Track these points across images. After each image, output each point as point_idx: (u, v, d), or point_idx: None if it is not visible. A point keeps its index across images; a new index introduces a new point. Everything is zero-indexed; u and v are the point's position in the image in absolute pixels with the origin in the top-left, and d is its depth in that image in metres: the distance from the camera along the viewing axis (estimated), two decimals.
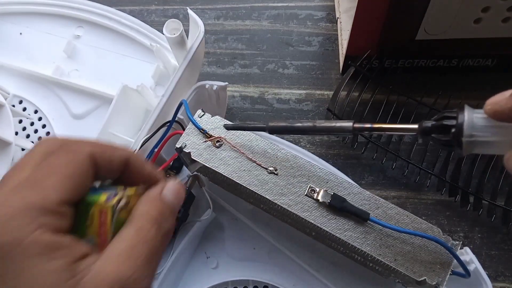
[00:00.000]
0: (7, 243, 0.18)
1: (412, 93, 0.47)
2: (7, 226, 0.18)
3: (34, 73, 0.49)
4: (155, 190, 0.24)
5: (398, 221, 0.30)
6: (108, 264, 0.20)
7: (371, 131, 0.26)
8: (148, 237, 0.21)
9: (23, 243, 0.18)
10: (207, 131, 0.32)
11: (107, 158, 0.23)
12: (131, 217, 0.22)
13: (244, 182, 0.31)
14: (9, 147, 0.40)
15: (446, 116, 0.23)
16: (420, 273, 0.29)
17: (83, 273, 0.19)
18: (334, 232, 0.29)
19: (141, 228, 0.21)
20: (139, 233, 0.21)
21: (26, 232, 0.18)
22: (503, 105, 0.20)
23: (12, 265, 0.18)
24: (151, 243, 0.21)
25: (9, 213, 0.19)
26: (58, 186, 0.20)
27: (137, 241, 0.21)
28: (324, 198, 0.30)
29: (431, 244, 0.29)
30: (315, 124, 0.27)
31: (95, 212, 0.22)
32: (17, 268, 0.18)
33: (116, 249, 0.20)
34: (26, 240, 0.18)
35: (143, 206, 0.23)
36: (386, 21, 0.43)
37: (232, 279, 0.38)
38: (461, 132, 0.22)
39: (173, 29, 0.39)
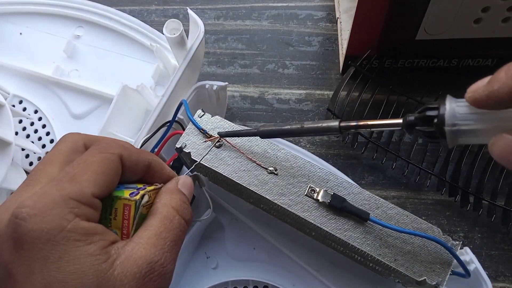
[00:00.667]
0: (51, 229, 0.20)
1: (412, 93, 0.47)
2: (50, 214, 0.20)
3: (34, 73, 0.49)
4: (172, 184, 0.27)
5: (398, 221, 0.30)
6: (138, 249, 0.22)
7: (357, 128, 0.25)
8: (172, 225, 0.24)
9: (65, 229, 0.20)
10: (207, 131, 0.32)
11: (134, 161, 0.25)
12: (155, 208, 0.24)
13: (244, 182, 0.31)
14: (9, 147, 0.40)
15: (428, 108, 0.23)
16: (420, 273, 0.29)
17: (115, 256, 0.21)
18: (334, 232, 0.29)
19: (165, 217, 0.24)
20: (164, 222, 0.24)
21: (66, 220, 0.21)
22: (481, 93, 0.20)
23: (55, 249, 0.20)
24: (175, 231, 0.24)
25: (50, 202, 0.21)
26: (92, 181, 0.22)
27: (163, 229, 0.23)
28: (324, 198, 0.30)
29: (431, 244, 0.29)
30: (303, 125, 0.27)
31: (120, 207, 0.24)
32: (60, 251, 0.20)
33: (144, 236, 0.23)
34: (67, 226, 0.21)
35: (165, 198, 0.25)
36: (386, 21, 0.43)
37: (232, 279, 0.38)
38: (443, 121, 0.22)
39: (173, 29, 0.39)
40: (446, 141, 0.22)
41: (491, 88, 0.20)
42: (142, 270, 0.21)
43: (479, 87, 0.20)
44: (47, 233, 0.20)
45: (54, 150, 0.25)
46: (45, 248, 0.20)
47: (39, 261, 0.20)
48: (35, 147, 0.44)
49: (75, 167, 0.23)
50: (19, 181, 0.41)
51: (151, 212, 0.24)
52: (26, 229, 0.20)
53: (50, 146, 0.47)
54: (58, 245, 0.20)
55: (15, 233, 0.20)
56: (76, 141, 0.25)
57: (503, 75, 0.19)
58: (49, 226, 0.20)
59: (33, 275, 0.20)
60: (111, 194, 0.24)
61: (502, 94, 0.19)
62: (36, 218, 0.20)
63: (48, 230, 0.20)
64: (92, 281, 0.20)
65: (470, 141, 0.22)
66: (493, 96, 0.20)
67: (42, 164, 0.24)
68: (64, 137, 0.26)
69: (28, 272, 0.20)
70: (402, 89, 0.47)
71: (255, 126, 0.50)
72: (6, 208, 0.22)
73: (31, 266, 0.20)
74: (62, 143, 0.25)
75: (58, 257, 0.20)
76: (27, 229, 0.20)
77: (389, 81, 0.47)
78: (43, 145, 0.47)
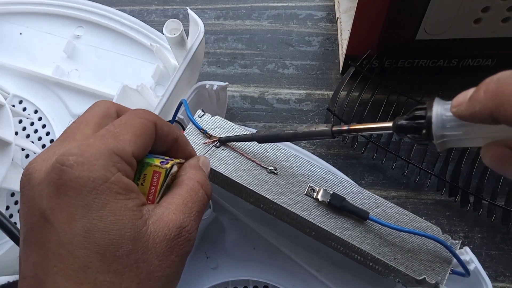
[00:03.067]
0: (96, 178, 0.21)
1: (412, 93, 0.47)
2: (96, 164, 0.21)
3: (34, 73, 0.49)
4: (194, 160, 0.28)
5: (397, 220, 0.30)
6: (168, 213, 0.23)
7: (349, 132, 0.26)
8: (197, 197, 0.25)
9: (109, 181, 0.21)
10: (207, 131, 0.32)
11: (165, 132, 0.26)
12: (181, 179, 0.25)
13: (244, 182, 0.31)
14: (9, 147, 0.40)
15: (416, 116, 0.22)
16: (419, 272, 0.29)
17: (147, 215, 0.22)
18: (333, 231, 0.30)
19: (192, 188, 0.25)
20: (191, 193, 0.25)
21: (110, 172, 0.21)
22: (464, 110, 0.20)
23: (98, 198, 0.21)
24: (199, 202, 0.25)
25: (96, 153, 0.21)
26: (132, 141, 0.23)
27: (189, 199, 0.24)
28: (324, 197, 0.30)
29: (430, 243, 0.29)
30: (296, 130, 0.27)
31: (149, 173, 0.24)
32: (103, 201, 0.21)
33: (172, 202, 0.24)
34: (111, 178, 0.21)
35: (190, 172, 0.26)
36: (386, 21, 0.43)
37: (232, 279, 0.38)
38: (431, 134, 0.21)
39: (173, 29, 0.39)
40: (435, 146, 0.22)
41: (473, 108, 0.19)
42: (172, 233, 0.22)
43: (462, 103, 0.20)
44: (92, 182, 0.21)
45: (88, 112, 0.25)
46: (89, 196, 0.21)
47: (82, 208, 0.20)
48: (35, 147, 0.44)
49: (116, 126, 0.23)
50: (19, 181, 0.41)
51: (177, 183, 0.25)
52: (73, 176, 0.21)
53: None
54: (102, 195, 0.21)
55: (59, 179, 0.21)
56: (109, 107, 0.26)
57: (482, 95, 0.19)
58: (95, 175, 0.21)
59: (74, 222, 0.20)
60: (142, 160, 0.24)
61: (484, 116, 0.19)
62: (83, 166, 0.21)
63: (94, 179, 0.21)
64: (129, 234, 0.21)
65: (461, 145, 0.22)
66: (475, 116, 0.19)
67: (77, 123, 0.24)
68: (97, 102, 0.26)
69: (69, 218, 0.20)
70: (402, 89, 0.47)
71: (255, 126, 0.50)
72: (43, 159, 0.22)
73: (72, 213, 0.20)
74: (96, 107, 0.26)
75: (101, 206, 0.21)
76: (73, 175, 0.21)
77: (389, 81, 0.47)
78: (43, 145, 0.47)
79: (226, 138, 0.32)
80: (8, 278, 0.33)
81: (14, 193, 0.45)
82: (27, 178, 0.22)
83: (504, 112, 0.18)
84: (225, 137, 0.32)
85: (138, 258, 0.21)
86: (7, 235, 0.30)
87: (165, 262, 0.22)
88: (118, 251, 0.21)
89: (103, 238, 0.20)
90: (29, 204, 0.21)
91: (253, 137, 0.30)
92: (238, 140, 0.32)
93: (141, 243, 0.21)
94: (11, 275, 0.34)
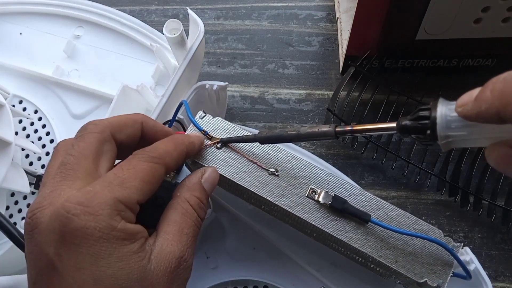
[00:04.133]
0: (103, 228, 0.21)
1: (412, 93, 0.47)
2: (102, 214, 0.22)
3: (34, 73, 0.49)
4: (196, 177, 0.28)
5: (399, 222, 0.30)
6: (166, 245, 0.24)
7: (352, 133, 0.26)
8: (192, 222, 0.25)
9: (115, 229, 0.22)
10: (208, 132, 0.32)
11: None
12: (176, 202, 0.26)
13: (245, 184, 0.31)
14: (9, 147, 0.40)
15: (420, 116, 0.22)
16: (421, 275, 0.28)
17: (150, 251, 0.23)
18: (335, 233, 0.29)
19: (186, 213, 0.25)
20: (185, 218, 0.25)
21: (115, 221, 0.22)
22: (469, 110, 0.20)
23: (105, 246, 0.21)
24: (194, 227, 0.26)
25: (102, 203, 0.22)
26: (139, 189, 0.23)
27: (184, 225, 0.25)
28: (325, 200, 0.30)
29: (432, 246, 0.29)
30: (299, 131, 0.27)
31: None
32: (110, 249, 0.21)
33: (169, 231, 0.24)
34: (117, 227, 0.22)
35: (185, 194, 0.26)
36: (386, 21, 0.43)
37: (232, 279, 0.38)
38: (436, 135, 0.21)
39: (173, 29, 0.39)
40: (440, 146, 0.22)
41: (479, 108, 0.19)
42: (172, 265, 0.23)
43: (467, 103, 0.20)
44: (99, 231, 0.21)
45: (83, 142, 0.25)
46: (96, 245, 0.21)
47: (89, 256, 0.21)
48: (35, 147, 0.44)
49: (125, 171, 0.24)
50: (19, 181, 0.41)
51: (172, 205, 0.26)
52: (79, 225, 0.21)
53: (50, 146, 0.47)
54: (109, 243, 0.21)
55: (65, 227, 0.21)
56: (102, 131, 0.25)
57: (489, 94, 0.19)
58: (101, 225, 0.21)
59: (82, 270, 0.21)
60: None
61: (491, 115, 0.19)
62: (90, 216, 0.21)
63: (101, 228, 0.21)
64: (136, 276, 0.22)
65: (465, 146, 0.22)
66: (481, 116, 0.19)
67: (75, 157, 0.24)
68: (88, 128, 0.26)
69: (77, 267, 0.21)
70: (402, 89, 0.47)
71: (255, 126, 0.50)
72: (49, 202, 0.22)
73: (80, 261, 0.21)
74: (89, 134, 0.25)
75: (108, 254, 0.21)
76: (80, 225, 0.21)
77: (389, 81, 0.47)
78: (43, 145, 0.47)
79: (228, 139, 0.32)
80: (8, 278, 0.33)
81: (14, 193, 0.45)
82: (34, 223, 0.22)
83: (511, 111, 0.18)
84: (226, 138, 0.32)
85: None
86: (7, 236, 0.30)
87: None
88: None
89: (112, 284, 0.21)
90: (36, 249, 0.22)
91: (255, 138, 0.30)
92: (240, 141, 0.31)
93: (147, 281, 0.22)
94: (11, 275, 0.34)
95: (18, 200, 0.45)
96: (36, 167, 0.46)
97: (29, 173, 0.43)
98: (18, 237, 0.30)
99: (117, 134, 0.26)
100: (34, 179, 0.43)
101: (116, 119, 0.27)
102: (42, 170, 0.46)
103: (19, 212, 0.44)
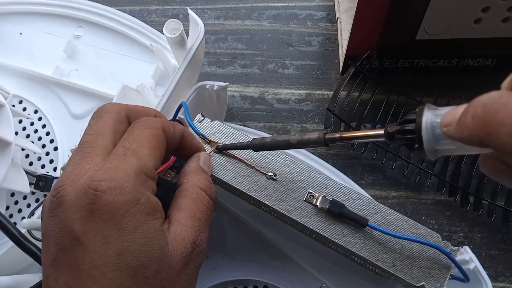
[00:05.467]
0: (129, 201, 0.22)
1: (412, 93, 0.47)
2: (126, 187, 0.22)
3: (34, 73, 0.49)
4: (195, 162, 0.28)
5: (397, 226, 0.30)
6: (180, 231, 0.24)
7: (341, 140, 0.26)
8: (203, 206, 0.26)
9: (140, 202, 0.22)
10: (206, 136, 0.32)
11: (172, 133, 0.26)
12: (184, 188, 0.26)
13: (243, 188, 0.31)
14: (9, 147, 0.40)
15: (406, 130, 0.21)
16: (418, 279, 0.28)
17: (166, 233, 0.23)
18: (332, 237, 0.29)
19: (197, 198, 0.26)
20: (197, 203, 0.25)
21: (140, 193, 0.22)
22: (453, 133, 0.19)
23: (131, 220, 0.22)
24: (206, 211, 0.26)
25: (126, 176, 0.22)
26: (151, 155, 0.24)
27: (196, 210, 0.25)
28: (323, 204, 0.30)
29: (429, 250, 0.29)
30: (290, 140, 0.28)
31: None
32: (135, 223, 0.22)
33: (182, 218, 0.24)
34: (142, 199, 0.22)
35: (192, 179, 0.27)
36: (386, 21, 0.43)
37: (232, 279, 0.38)
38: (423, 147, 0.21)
39: (173, 29, 0.39)
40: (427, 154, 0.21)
41: (461, 134, 0.19)
42: (187, 250, 0.24)
43: (451, 123, 0.19)
44: (125, 205, 0.22)
45: (101, 121, 0.25)
46: (123, 219, 0.21)
47: (116, 231, 0.21)
48: (35, 147, 0.44)
49: (131, 142, 0.24)
50: (19, 181, 0.41)
51: (181, 192, 0.26)
52: (107, 200, 0.21)
53: (50, 146, 0.47)
54: (134, 217, 0.22)
55: (93, 204, 0.21)
56: (119, 112, 0.26)
57: (470, 121, 0.18)
58: (128, 198, 0.22)
59: (108, 244, 0.21)
60: None
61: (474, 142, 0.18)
62: (116, 191, 0.22)
63: (127, 202, 0.22)
64: (157, 256, 0.22)
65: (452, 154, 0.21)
66: (465, 141, 0.19)
67: (93, 136, 0.25)
68: (105, 108, 0.26)
69: (103, 241, 0.21)
70: (402, 89, 0.47)
71: (255, 126, 0.50)
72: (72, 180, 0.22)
73: (107, 236, 0.21)
74: (106, 114, 0.26)
75: (133, 229, 0.22)
76: (108, 200, 0.21)
77: (389, 81, 0.47)
78: (43, 145, 0.47)
79: (223, 146, 0.32)
80: (8, 278, 0.33)
81: (14, 193, 0.45)
82: (59, 200, 0.22)
83: (493, 142, 0.17)
84: (222, 145, 0.32)
85: (163, 277, 0.22)
86: (7, 236, 0.30)
87: (183, 277, 0.23)
88: (147, 272, 0.22)
89: (134, 260, 0.21)
90: (60, 226, 0.22)
91: (249, 145, 0.30)
92: (234, 148, 0.32)
93: (165, 263, 0.22)
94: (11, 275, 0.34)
95: (18, 200, 0.45)
96: (36, 167, 0.46)
97: (29, 173, 0.43)
98: (18, 237, 0.30)
99: (131, 119, 0.27)
100: (34, 179, 0.43)
101: (132, 105, 0.27)
102: (42, 170, 0.46)
103: (19, 212, 0.44)
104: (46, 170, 0.46)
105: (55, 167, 0.46)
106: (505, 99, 0.17)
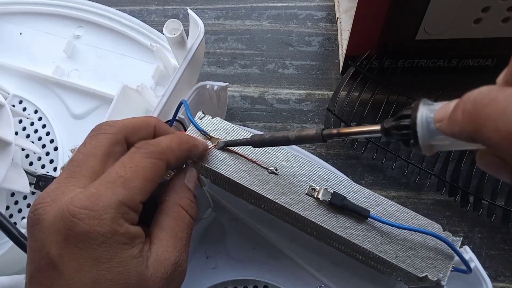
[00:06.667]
0: (106, 232, 0.22)
1: (412, 93, 0.47)
2: (105, 218, 0.22)
3: (34, 73, 0.49)
4: (180, 179, 0.28)
5: (398, 218, 0.30)
6: (162, 251, 0.24)
7: (339, 136, 0.26)
8: (184, 225, 0.26)
9: (117, 233, 0.22)
10: (207, 133, 0.32)
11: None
12: (166, 206, 0.26)
13: (245, 182, 0.31)
14: (9, 147, 0.40)
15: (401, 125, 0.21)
16: (421, 270, 0.29)
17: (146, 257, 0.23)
18: (335, 230, 0.30)
19: (178, 217, 0.26)
20: (178, 222, 0.25)
21: (119, 225, 0.22)
22: (445, 129, 0.19)
23: (107, 250, 0.22)
24: (187, 230, 0.26)
25: (106, 206, 0.22)
26: (142, 189, 0.23)
27: (177, 229, 0.25)
28: (325, 197, 0.30)
29: (431, 241, 0.29)
30: (288, 136, 0.28)
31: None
32: (111, 253, 0.22)
33: (163, 237, 0.24)
34: (119, 231, 0.22)
35: (174, 197, 0.26)
36: (386, 21, 0.43)
37: (232, 279, 0.38)
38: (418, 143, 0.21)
39: (173, 29, 0.39)
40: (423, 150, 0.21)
41: (452, 129, 0.19)
42: (168, 271, 0.23)
43: (443, 119, 0.19)
44: (102, 236, 0.21)
45: (95, 141, 0.25)
46: (98, 249, 0.21)
47: (91, 260, 0.21)
48: (35, 147, 0.44)
49: (127, 170, 0.23)
50: (19, 181, 0.41)
51: (163, 210, 0.26)
52: (83, 229, 0.21)
53: (50, 146, 0.47)
54: (110, 248, 0.22)
55: (69, 230, 0.21)
56: (116, 133, 0.25)
57: (460, 117, 0.18)
58: (104, 230, 0.21)
59: (83, 272, 0.21)
60: None
61: (464, 138, 0.18)
62: (93, 221, 0.21)
63: (103, 233, 0.21)
64: (134, 282, 0.22)
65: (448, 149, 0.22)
66: (456, 136, 0.19)
67: (84, 155, 0.24)
68: (102, 128, 0.26)
69: (78, 269, 0.21)
70: (402, 89, 0.47)
71: (255, 126, 0.50)
72: (53, 199, 0.22)
73: (81, 264, 0.21)
74: (101, 134, 0.25)
75: (109, 258, 0.22)
76: (84, 229, 0.21)
77: (389, 81, 0.47)
78: (43, 145, 0.47)
79: (224, 143, 0.32)
80: (8, 278, 0.33)
81: (14, 193, 0.45)
82: (37, 218, 0.22)
83: (481, 137, 0.17)
84: (223, 142, 0.32)
85: None
86: (7, 236, 0.30)
87: None
88: None
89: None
90: (37, 245, 0.22)
91: (248, 142, 0.30)
92: (234, 145, 0.32)
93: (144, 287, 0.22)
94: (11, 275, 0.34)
95: (18, 200, 0.45)
96: (36, 167, 0.46)
97: (29, 173, 0.43)
98: (19, 236, 0.30)
99: (130, 137, 0.26)
100: (34, 179, 0.43)
101: (130, 121, 0.27)
102: (42, 170, 0.46)
103: (19, 212, 0.44)
104: (46, 170, 0.46)
105: (55, 167, 0.46)
106: (494, 94, 0.17)
